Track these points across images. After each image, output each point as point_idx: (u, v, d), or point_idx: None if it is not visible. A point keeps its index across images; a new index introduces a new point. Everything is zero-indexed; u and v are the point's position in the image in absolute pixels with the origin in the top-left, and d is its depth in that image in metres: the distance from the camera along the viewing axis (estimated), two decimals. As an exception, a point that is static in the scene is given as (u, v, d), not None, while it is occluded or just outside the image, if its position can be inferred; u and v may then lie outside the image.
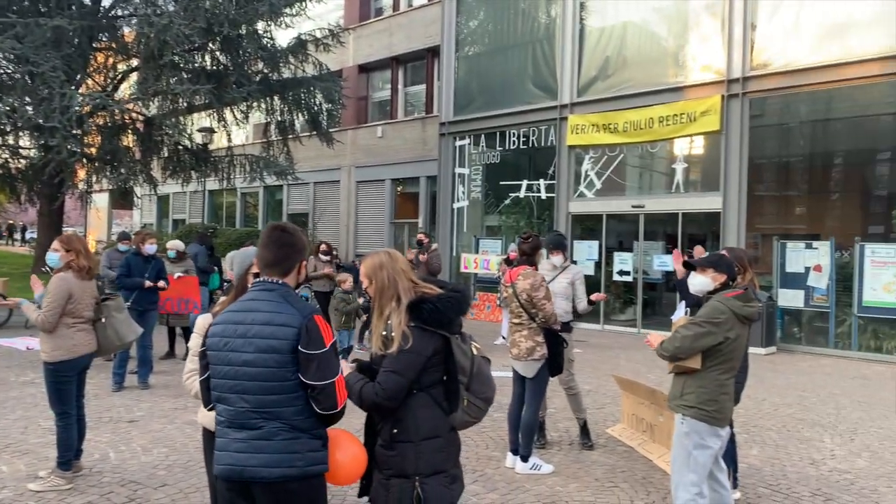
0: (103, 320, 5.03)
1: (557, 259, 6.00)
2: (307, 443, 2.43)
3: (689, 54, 13.20)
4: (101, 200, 29.70)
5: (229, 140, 17.54)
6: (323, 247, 12.40)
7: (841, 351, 11.17)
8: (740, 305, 3.67)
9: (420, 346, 2.64)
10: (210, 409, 2.57)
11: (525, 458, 5.21)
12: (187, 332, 9.66)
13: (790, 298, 11.76)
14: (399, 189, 22.03)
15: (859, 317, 11.01)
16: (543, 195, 15.18)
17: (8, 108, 13.30)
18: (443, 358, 2.70)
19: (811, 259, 11.58)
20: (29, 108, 13.58)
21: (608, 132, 13.92)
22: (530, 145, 15.55)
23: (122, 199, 27.69)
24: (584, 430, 5.99)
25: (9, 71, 14.04)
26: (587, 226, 14.74)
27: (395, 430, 2.64)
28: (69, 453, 4.75)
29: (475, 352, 2.79)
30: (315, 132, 17.85)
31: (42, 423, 6.15)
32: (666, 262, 13.27)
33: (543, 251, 5.87)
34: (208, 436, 3.14)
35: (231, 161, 17.01)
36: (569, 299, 6.04)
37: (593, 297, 6.08)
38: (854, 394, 8.24)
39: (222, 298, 3.25)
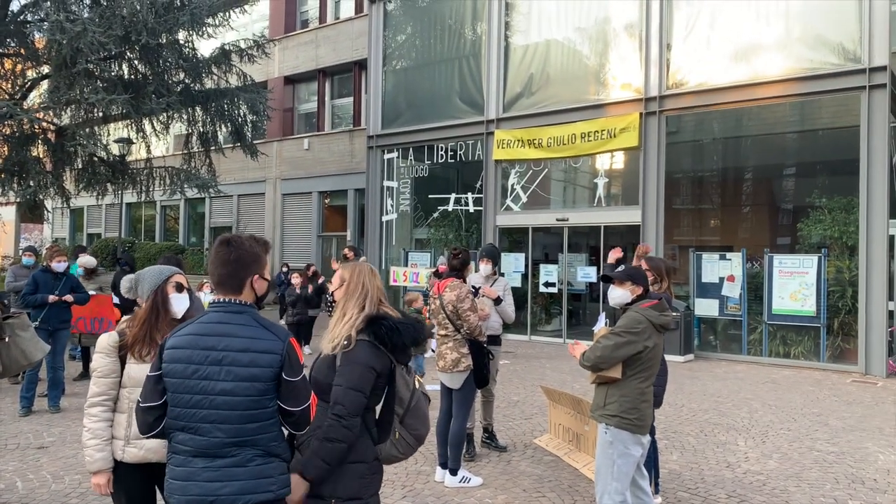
0: (7, 340, 4.78)
1: (486, 267, 6.15)
2: (278, 466, 2.36)
3: (610, 73, 13.67)
4: (7, 214, 28.10)
5: (148, 151, 16.93)
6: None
7: (753, 357, 11.73)
8: (656, 315, 3.83)
9: (371, 360, 2.58)
10: (151, 437, 2.42)
11: (454, 472, 5.23)
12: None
13: (706, 308, 12.28)
14: (326, 202, 21.83)
15: (769, 324, 11.60)
16: (471, 208, 15.36)
17: None
18: (384, 384, 2.64)
19: (724, 270, 12.14)
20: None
21: (533, 147, 14.22)
22: (458, 159, 15.72)
23: (31, 213, 26.23)
24: (492, 435, 6.22)
25: None
26: (514, 238, 14.99)
27: None
28: (-30, 485, 4.46)
29: (417, 385, 2.74)
30: (239, 144, 17.47)
31: (-60, 454, 5.75)
32: (589, 274, 13.65)
33: (473, 266, 6.00)
34: (122, 469, 2.92)
35: (150, 173, 16.41)
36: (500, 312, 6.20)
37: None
38: (765, 398, 8.67)
39: (126, 318, 3.11)
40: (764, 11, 11.79)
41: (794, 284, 11.29)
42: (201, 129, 16.98)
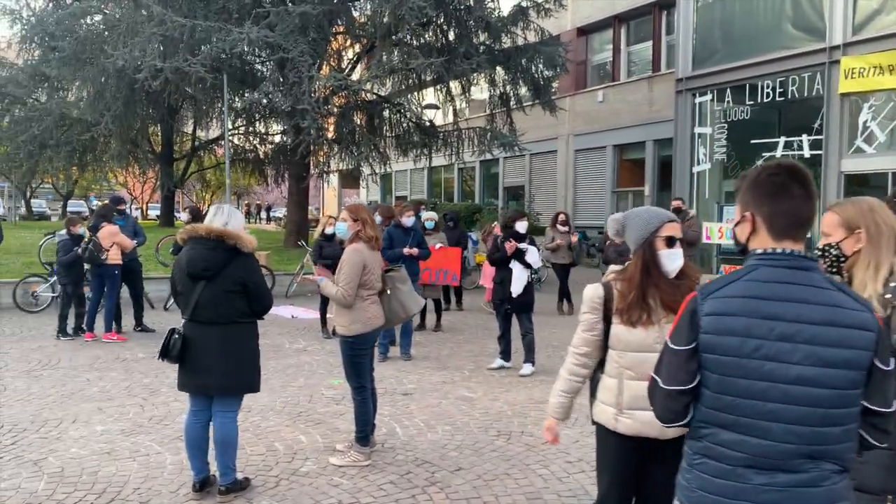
0: (389, 292, 4.88)
1: None
2: (850, 484, 1.75)
3: None
4: (332, 180, 31.85)
5: (455, 115, 17.63)
6: (561, 217, 11.85)
7: None
8: None
9: None
10: (674, 426, 1.86)
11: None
12: (438, 305, 9.65)
13: None
14: (622, 156, 20.84)
15: None
16: (807, 153, 13.24)
17: (262, 96, 14.44)
18: None
19: None
20: (279, 94, 14.60)
21: (895, 75, 11.69)
22: (788, 97, 13.63)
23: (351, 178, 29.40)
24: None
25: (261, 57, 15.27)
26: (867, 187, 12.60)
27: None
28: (367, 428, 4.65)
29: None
30: (537, 101, 17.35)
31: (325, 392, 6.29)
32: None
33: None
34: (613, 441, 2.59)
35: (459, 135, 17.10)
36: None
37: None
38: None
39: (612, 267, 2.72)
40: None
41: None
42: (502, 89, 17.19)
